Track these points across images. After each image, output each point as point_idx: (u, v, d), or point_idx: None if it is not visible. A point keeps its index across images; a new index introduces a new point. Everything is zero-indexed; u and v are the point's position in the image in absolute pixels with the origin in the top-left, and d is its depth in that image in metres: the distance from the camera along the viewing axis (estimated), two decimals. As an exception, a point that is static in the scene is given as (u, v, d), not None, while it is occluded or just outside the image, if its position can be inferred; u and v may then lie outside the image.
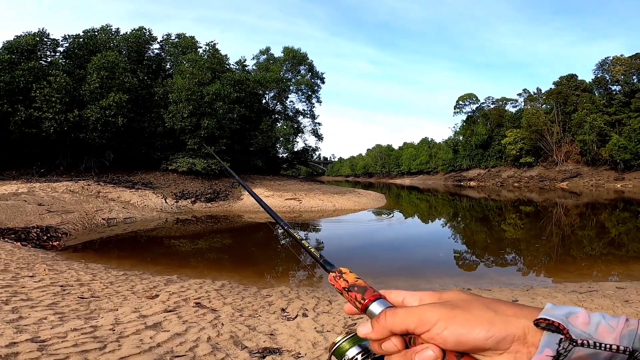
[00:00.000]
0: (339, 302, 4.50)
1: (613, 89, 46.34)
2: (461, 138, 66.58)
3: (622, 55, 45.19)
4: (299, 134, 31.56)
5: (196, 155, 19.70)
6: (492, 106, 62.71)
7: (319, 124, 33.16)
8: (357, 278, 0.52)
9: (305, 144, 33.80)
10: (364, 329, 0.45)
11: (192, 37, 23.57)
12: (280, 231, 12.53)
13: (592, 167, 44.15)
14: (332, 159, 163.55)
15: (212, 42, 23.66)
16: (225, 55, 23.87)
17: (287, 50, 31.67)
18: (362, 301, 0.48)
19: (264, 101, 29.61)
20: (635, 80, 43.86)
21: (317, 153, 39.61)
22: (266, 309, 4.21)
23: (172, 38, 23.88)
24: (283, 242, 10.68)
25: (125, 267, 6.45)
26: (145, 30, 21.96)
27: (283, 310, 4.17)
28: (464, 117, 67.72)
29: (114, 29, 21.55)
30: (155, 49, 23.42)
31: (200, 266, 7.16)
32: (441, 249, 9.27)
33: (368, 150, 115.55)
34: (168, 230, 11.68)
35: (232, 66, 25.91)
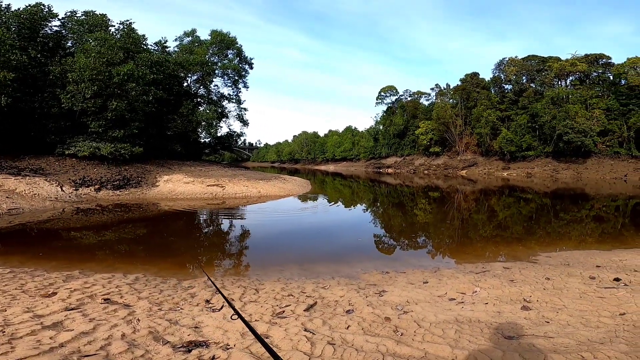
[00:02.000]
0: (266, 291, 4.50)
1: (506, 87, 53.67)
2: (381, 127, 70.99)
3: (516, 57, 52.30)
4: (223, 119, 30.87)
5: (101, 139, 17.63)
6: (409, 99, 67.84)
7: (245, 109, 32.58)
8: None
9: (230, 129, 33.58)
10: None
11: (104, 15, 21.52)
12: (202, 218, 11.93)
13: (485, 158, 50.89)
14: (258, 145, 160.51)
15: (127, 20, 21.65)
16: (143, 36, 22.03)
17: (215, 34, 30.34)
18: None
19: (185, 84, 28.18)
20: (524, 81, 51.34)
21: (242, 139, 38.72)
22: (189, 301, 4.02)
23: (79, 15, 21.57)
24: (206, 230, 10.18)
25: (12, 264, 5.60)
26: (44, 6, 19.29)
27: (207, 301, 4.02)
28: (384, 107, 72.17)
29: (3, 5, 18.43)
30: (55, 26, 20.69)
31: (109, 260, 6.48)
32: (361, 234, 9.81)
33: (294, 136, 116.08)
34: (66, 222, 10.22)
35: (150, 47, 24.06)
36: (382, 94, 71.51)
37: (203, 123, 25.66)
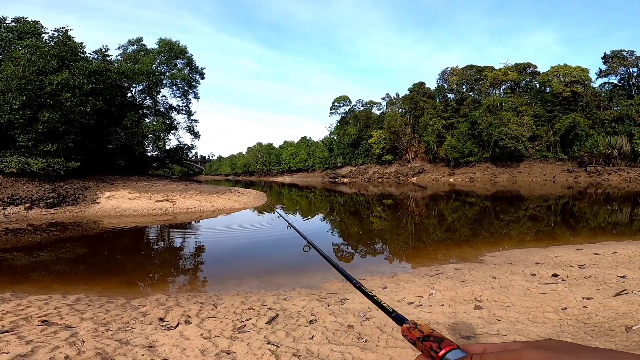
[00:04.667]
0: (225, 305, 4.31)
1: (449, 96, 57.63)
2: (336, 137, 72.41)
3: (457, 67, 56.46)
4: (172, 131, 29.79)
5: (31, 154, 16.03)
6: (361, 108, 70.17)
7: (196, 120, 31.69)
8: (432, 330, 0.51)
9: (180, 141, 32.15)
10: None
11: (36, 22, 20.23)
12: (152, 234, 11.17)
13: (433, 164, 53.99)
14: (211, 158, 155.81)
15: (63, 28, 20.30)
16: (81, 43, 20.74)
17: (163, 42, 29.27)
18: (437, 350, 0.47)
19: (129, 95, 26.84)
20: (464, 90, 55.48)
21: (193, 151, 37.57)
22: (140, 320, 3.76)
23: (8, 22, 20.22)
24: (157, 246, 9.56)
25: None
26: None
27: (161, 319, 3.79)
28: (338, 117, 73.86)
29: None
30: (-22, 33, 19.09)
31: (45, 281, 5.91)
32: (318, 243, 9.80)
33: (249, 148, 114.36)
34: (-9, 247, 9.03)
35: (89, 55, 22.71)
36: (336, 104, 73.26)
37: (150, 135, 24.54)
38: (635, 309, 3.22)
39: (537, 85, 49.48)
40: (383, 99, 67.43)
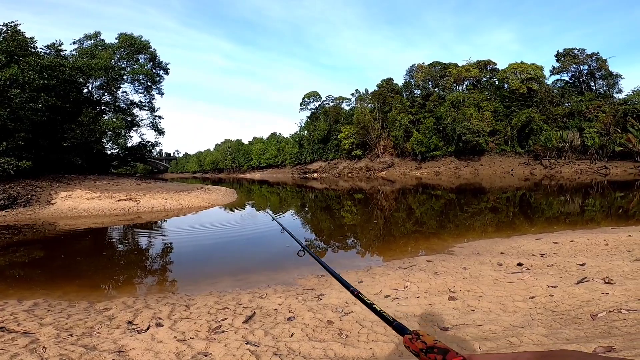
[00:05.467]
0: (198, 306, 4.19)
1: (416, 92, 59.20)
2: (306, 133, 72.30)
3: (423, 63, 58.00)
4: (134, 128, 28.64)
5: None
6: (331, 104, 70.44)
7: (160, 117, 30.63)
8: (436, 340, 0.50)
9: (143, 138, 30.96)
10: None
11: None
12: (114, 235, 10.59)
13: (401, 159, 55.36)
14: (177, 155, 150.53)
15: (12, 22, 18.95)
16: (32, 38, 19.42)
17: (124, 37, 27.95)
18: None
19: (86, 90, 25.48)
20: (430, 86, 57.17)
21: (157, 149, 36.15)
22: (106, 324, 3.58)
23: None
24: (121, 247, 9.08)
25: None
26: None
27: (130, 322, 3.62)
28: (308, 113, 73.77)
29: None
30: None
31: None
32: (291, 240, 9.80)
33: (217, 145, 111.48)
34: None
35: (41, 50, 21.36)
36: (306, 99, 73.05)
37: (109, 133, 23.39)
38: (597, 296, 3.47)
39: (497, 81, 51.95)
40: (352, 94, 68.07)
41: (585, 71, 46.82)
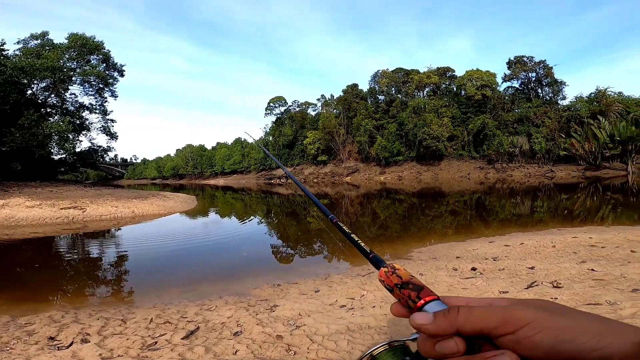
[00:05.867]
0: (136, 320, 3.81)
1: (380, 98, 60.53)
2: (271, 138, 71.55)
3: (387, 69, 59.47)
4: (84, 132, 26.98)
5: None
6: (297, 109, 70.28)
7: (113, 120, 28.98)
8: (412, 276, 0.46)
9: (93, 143, 29.03)
10: (421, 317, 0.40)
11: None
12: (53, 246, 9.59)
13: (366, 164, 56.34)
14: (135, 161, 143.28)
15: None
16: None
17: (74, 37, 26.39)
18: (416, 300, 0.44)
19: (29, 92, 23.75)
20: (393, 92, 58.70)
21: (111, 154, 34.08)
22: (23, 339, 3.28)
23: None
24: (59, 259, 8.26)
25: None
26: None
27: (51, 338, 3.30)
28: (274, 118, 73.10)
29: None
30: None
31: None
32: (253, 246, 9.50)
33: (178, 150, 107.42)
34: None
35: None
36: (272, 104, 72.40)
37: (55, 137, 21.71)
38: (546, 299, 3.51)
39: (455, 88, 54.56)
40: (318, 100, 68.44)
41: (534, 78, 50.36)
